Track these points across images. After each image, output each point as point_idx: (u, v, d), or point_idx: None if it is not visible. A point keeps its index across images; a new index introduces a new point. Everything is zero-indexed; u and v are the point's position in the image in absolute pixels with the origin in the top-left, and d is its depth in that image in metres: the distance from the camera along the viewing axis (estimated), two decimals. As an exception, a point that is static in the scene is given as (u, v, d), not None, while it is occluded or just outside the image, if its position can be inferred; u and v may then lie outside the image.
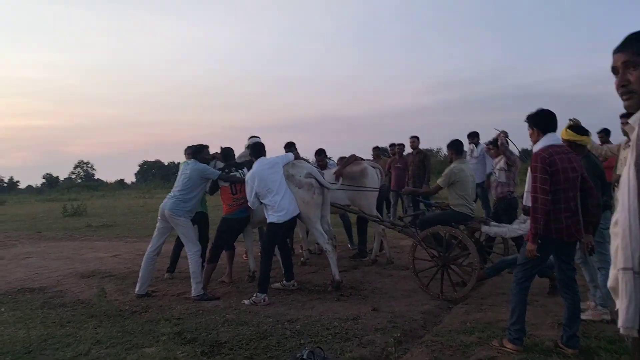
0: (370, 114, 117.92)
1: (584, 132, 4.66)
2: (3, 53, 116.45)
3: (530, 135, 4.01)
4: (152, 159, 79.20)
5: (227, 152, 6.47)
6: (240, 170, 6.24)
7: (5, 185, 79.47)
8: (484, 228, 5.79)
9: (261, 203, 5.75)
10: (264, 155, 5.95)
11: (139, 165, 78.68)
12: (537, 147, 3.90)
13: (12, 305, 5.97)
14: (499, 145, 6.89)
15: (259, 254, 8.39)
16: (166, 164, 76.11)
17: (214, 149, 6.73)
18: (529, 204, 3.91)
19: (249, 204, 5.81)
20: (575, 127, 4.60)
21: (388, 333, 4.37)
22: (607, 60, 1.81)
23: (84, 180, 75.64)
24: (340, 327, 4.58)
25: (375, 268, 7.18)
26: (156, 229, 6.20)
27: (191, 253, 5.92)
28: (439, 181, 6.15)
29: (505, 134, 6.90)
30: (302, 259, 7.70)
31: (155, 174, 74.21)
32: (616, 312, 1.71)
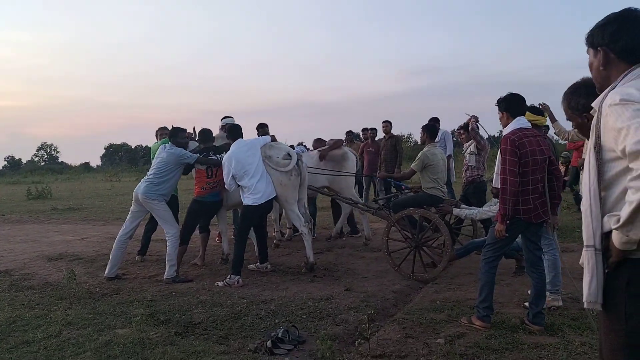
0: (342, 100, 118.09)
1: (540, 112, 4.79)
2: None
3: (500, 118, 4.11)
4: (119, 142, 77.58)
5: (205, 134, 6.38)
6: (218, 155, 6.18)
7: (-36, 167, 76.68)
8: (455, 210, 5.92)
9: (238, 185, 5.73)
10: (241, 137, 5.92)
11: (105, 148, 76.96)
12: (506, 131, 4.00)
13: (-22, 288, 5.83)
14: (469, 130, 7.02)
15: (232, 236, 8.45)
16: (133, 147, 74.65)
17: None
18: (499, 185, 4.03)
19: (226, 186, 5.78)
20: (532, 107, 4.69)
21: (361, 312, 4.45)
22: (577, 50, 1.95)
23: (48, 163, 73.73)
24: (314, 306, 4.64)
25: (348, 250, 7.27)
26: (130, 212, 6.12)
27: (169, 235, 5.87)
28: (413, 165, 6.25)
29: (475, 119, 7.03)
30: (275, 241, 7.73)
31: (122, 157, 72.73)
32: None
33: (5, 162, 75.94)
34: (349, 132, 11.19)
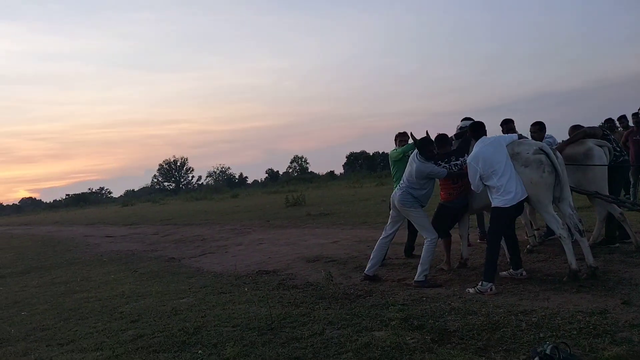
0: (589, 86, 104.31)
1: None
2: (231, 65, 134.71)
3: None
4: (358, 150, 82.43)
5: (442, 139, 6.23)
6: (461, 158, 6.00)
7: (237, 180, 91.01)
8: None
9: (485, 186, 5.41)
10: (485, 134, 5.60)
11: (346, 157, 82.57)
12: None
13: (253, 285, 6.68)
14: None
15: (478, 241, 8.09)
16: (371, 154, 78.55)
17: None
18: None
19: (472, 187, 5.52)
20: None
21: (648, 331, 3.74)
22: None
23: (299, 173, 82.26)
24: (584, 321, 4.05)
25: (620, 256, 6.24)
26: (390, 217, 6.37)
27: (428, 240, 5.90)
28: None
29: None
30: (527, 246, 7.11)
31: (361, 164, 77.13)
32: None
33: (267, 175, 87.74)
34: (608, 120, 9.80)
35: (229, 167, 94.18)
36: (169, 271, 8.54)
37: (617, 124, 10.03)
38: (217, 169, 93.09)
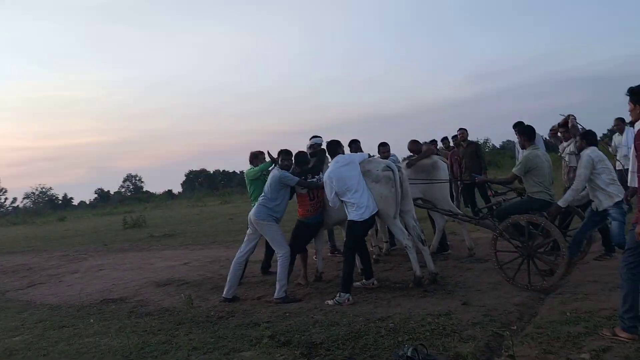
0: (407, 110, 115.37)
1: None
2: (55, 74, 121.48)
3: (631, 111, 3.81)
4: (197, 168, 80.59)
5: (300, 157, 6.42)
6: (316, 176, 6.23)
7: (60, 202, 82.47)
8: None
9: (342, 201, 5.70)
10: (342, 152, 5.92)
11: (185, 175, 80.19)
12: None
13: (100, 316, 6.13)
14: (569, 127, 6.71)
15: (329, 254, 8.44)
16: (211, 172, 77.41)
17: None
18: (636, 184, 3.73)
19: (330, 203, 5.78)
20: None
21: (486, 327, 4.26)
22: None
23: (134, 192, 77.65)
24: (434, 323, 4.47)
25: (453, 262, 7.02)
26: (246, 235, 6.31)
27: (280, 255, 5.95)
28: (515, 170, 5.97)
29: (574, 117, 6.76)
30: (374, 256, 7.61)
31: (201, 182, 75.48)
32: None
33: (96, 195, 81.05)
34: (432, 141, 11.01)
35: (50, 188, 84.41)
36: (-8, 307, 7.45)
37: (441, 144, 11.35)
38: (36, 190, 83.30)
